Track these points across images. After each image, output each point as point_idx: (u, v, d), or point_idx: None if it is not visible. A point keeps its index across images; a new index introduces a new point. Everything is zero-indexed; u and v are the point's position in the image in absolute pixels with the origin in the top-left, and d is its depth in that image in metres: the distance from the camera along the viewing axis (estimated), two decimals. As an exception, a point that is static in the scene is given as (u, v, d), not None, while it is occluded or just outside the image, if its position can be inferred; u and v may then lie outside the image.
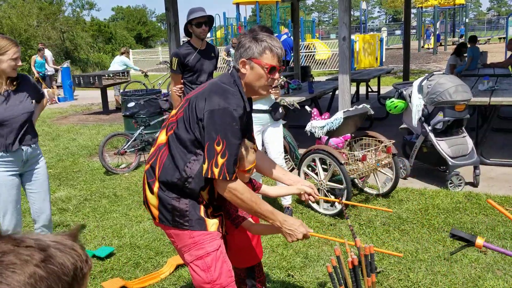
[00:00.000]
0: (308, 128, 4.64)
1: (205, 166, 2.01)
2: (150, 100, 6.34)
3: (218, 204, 2.26)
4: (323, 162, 4.50)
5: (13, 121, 3.01)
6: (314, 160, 4.53)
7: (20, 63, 2.99)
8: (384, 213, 4.25)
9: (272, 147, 4.14)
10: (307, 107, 5.14)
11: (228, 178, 2.00)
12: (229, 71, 2.17)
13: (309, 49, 20.80)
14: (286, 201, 4.42)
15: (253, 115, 3.52)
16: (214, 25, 4.79)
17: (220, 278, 2.16)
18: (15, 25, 22.59)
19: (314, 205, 4.43)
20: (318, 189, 4.27)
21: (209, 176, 2.01)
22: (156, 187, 2.14)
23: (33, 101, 3.16)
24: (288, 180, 2.48)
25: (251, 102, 2.25)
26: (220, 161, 1.98)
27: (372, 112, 4.73)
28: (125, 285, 3.15)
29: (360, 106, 4.64)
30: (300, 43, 14.52)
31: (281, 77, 2.70)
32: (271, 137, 4.13)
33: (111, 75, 10.78)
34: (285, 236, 2.15)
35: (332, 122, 4.45)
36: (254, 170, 2.33)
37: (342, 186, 4.31)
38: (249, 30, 2.51)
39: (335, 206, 4.37)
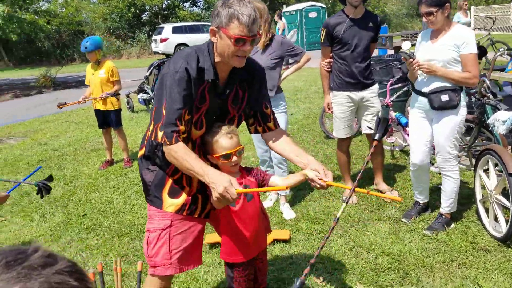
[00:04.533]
0: (491, 120, 3.55)
1: (151, 128, 2.02)
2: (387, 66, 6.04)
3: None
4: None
5: None
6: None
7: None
8: None
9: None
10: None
11: (168, 143, 1.94)
12: None
13: None
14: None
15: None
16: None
17: (155, 256, 2.16)
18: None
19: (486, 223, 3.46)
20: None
21: (152, 139, 2.00)
22: (139, 156, 2.25)
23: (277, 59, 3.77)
24: (299, 162, 2.21)
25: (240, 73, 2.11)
26: (164, 124, 1.94)
27: None
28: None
29: None
30: None
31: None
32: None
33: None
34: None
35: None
36: (240, 159, 2.18)
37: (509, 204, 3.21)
38: None
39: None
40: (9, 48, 27.09)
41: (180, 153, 1.95)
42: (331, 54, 4.04)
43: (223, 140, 2.09)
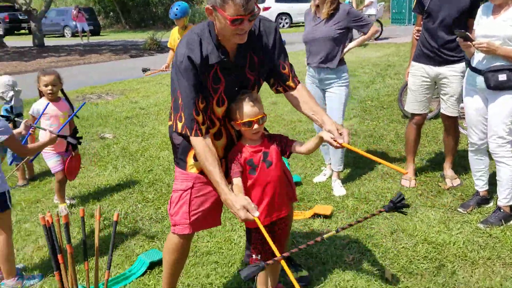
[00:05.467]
0: None
1: (171, 119, 2.09)
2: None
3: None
4: None
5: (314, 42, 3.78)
6: None
7: None
8: None
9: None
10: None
11: (189, 134, 2.03)
12: None
13: None
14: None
15: None
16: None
17: (175, 215, 2.27)
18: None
19: None
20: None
21: (174, 130, 2.10)
22: (169, 124, 2.32)
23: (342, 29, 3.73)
24: (316, 120, 2.23)
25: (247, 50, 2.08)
26: (183, 115, 2.03)
27: None
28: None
29: None
30: None
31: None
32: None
33: None
34: None
35: None
36: (262, 126, 2.19)
37: None
38: None
39: None
40: (127, 11, 29.19)
41: (200, 153, 2.03)
42: (422, 23, 3.78)
43: (246, 108, 2.12)
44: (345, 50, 3.89)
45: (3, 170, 2.85)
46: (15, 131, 2.85)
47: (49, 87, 3.66)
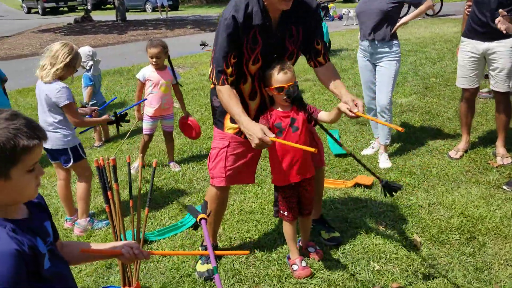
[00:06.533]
0: None
1: (209, 69, 2.39)
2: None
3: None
4: None
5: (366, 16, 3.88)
6: None
7: None
8: None
9: None
10: None
11: (216, 83, 2.32)
12: None
13: None
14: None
15: None
16: None
17: (213, 169, 2.58)
18: None
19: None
20: None
21: (209, 78, 2.40)
22: (211, 87, 2.61)
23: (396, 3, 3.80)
24: (336, 94, 2.43)
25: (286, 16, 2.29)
26: (215, 65, 2.31)
27: None
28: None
29: None
30: None
31: None
32: None
33: None
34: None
35: None
36: (295, 90, 2.37)
37: None
38: None
39: None
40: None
41: (225, 96, 2.30)
42: None
43: (278, 75, 2.35)
44: (398, 24, 3.93)
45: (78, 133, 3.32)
46: (82, 110, 3.24)
47: (154, 59, 3.97)
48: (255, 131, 2.16)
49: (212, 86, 2.59)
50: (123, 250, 1.42)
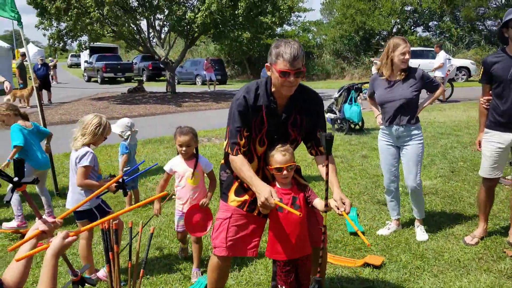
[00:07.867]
0: None
1: (224, 143, 2.66)
2: None
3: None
4: None
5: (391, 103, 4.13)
6: None
7: (407, 57, 3.97)
8: None
9: None
10: None
11: (230, 153, 2.57)
12: None
13: None
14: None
15: None
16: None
17: (216, 239, 2.75)
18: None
19: None
20: None
21: (224, 150, 2.65)
22: (221, 163, 2.88)
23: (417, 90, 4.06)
24: (331, 188, 2.55)
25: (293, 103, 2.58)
26: (229, 138, 2.58)
27: None
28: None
29: None
30: None
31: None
32: None
33: None
34: None
35: None
36: (290, 173, 2.61)
37: None
38: None
39: None
40: (252, 62, 31.55)
41: (238, 163, 2.55)
42: (490, 92, 3.94)
43: (278, 156, 2.59)
44: (419, 109, 4.16)
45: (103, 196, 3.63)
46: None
47: (184, 148, 3.56)
48: (264, 191, 2.39)
49: (222, 162, 2.85)
50: (40, 227, 1.68)
